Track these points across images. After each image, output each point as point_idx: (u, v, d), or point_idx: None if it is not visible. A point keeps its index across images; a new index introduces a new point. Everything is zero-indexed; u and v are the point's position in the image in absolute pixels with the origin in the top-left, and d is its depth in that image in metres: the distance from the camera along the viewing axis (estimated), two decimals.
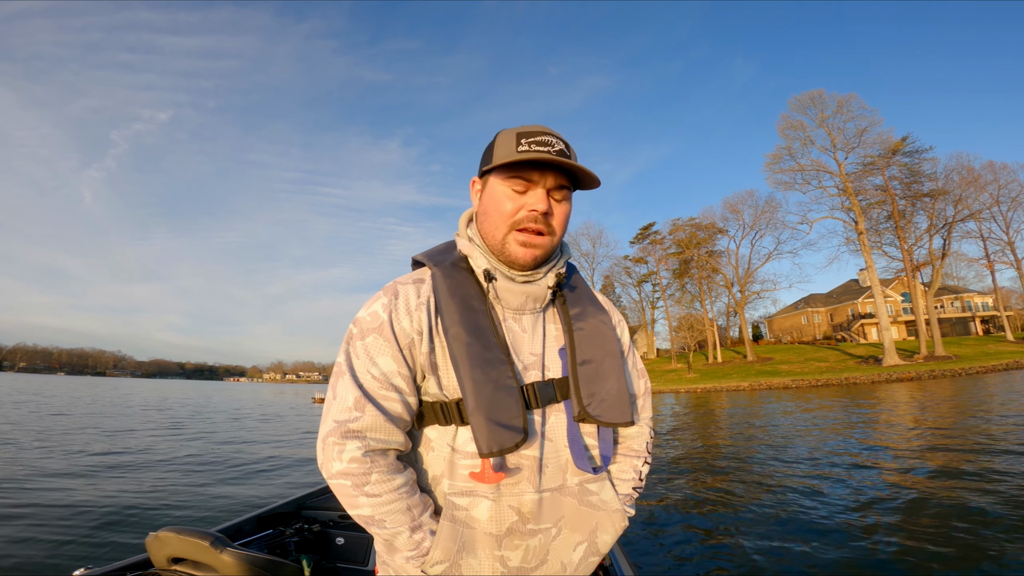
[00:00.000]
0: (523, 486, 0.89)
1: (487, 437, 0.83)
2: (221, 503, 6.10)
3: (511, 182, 0.91)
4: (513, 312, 0.96)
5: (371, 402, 0.85)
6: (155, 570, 1.82)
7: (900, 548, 4.02)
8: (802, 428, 11.65)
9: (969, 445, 7.99)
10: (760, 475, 6.93)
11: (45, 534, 4.73)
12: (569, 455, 0.92)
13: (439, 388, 0.90)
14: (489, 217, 0.94)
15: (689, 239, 47.71)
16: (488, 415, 0.84)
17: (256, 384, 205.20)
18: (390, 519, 0.84)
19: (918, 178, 35.95)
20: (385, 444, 0.86)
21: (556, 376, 0.95)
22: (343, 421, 0.85)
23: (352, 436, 0.84)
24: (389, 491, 0.84)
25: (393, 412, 0.87)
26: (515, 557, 0.89)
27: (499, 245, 0.93)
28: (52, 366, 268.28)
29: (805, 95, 38.41)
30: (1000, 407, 12.48)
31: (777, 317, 60.51)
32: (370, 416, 0.85)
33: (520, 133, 0.90)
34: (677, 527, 4.89)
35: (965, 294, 48.64)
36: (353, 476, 0.83)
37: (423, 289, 0.93)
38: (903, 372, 28.44)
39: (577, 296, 1.04)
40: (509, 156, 0.88)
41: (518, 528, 0.88)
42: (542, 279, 0.97)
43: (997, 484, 5.59)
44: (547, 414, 0.93)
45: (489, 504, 0.87)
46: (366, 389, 0.86)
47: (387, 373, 0.87)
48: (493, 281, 0.93)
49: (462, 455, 0.89)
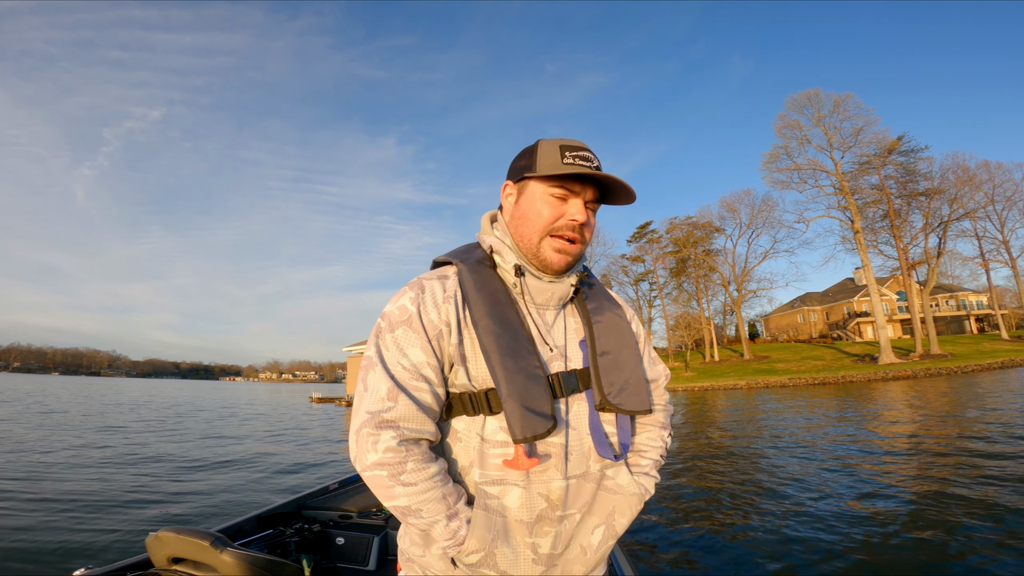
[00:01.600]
0: (551, 473, 0.91)
1: (521, 423, 0.86)
2: (213, 500, 6.06)
3: (555, 191, 0.95)
4: (537, 307, 1.01)
5: (403, 392, 0.88)
6: (155, 570, 1.80)
7: (899, 548, 4.02)
8: (800, 427, 11.69)
9: (969, 444, 8.03)
10: (758, 474, 6.94)
11: (45, 534, 4.71)
12: (591, 442, 0.95)
13: (468, 379, 0.92)
14: (527, 221, 0.97)
15: (686, 238, 47.84)
16: (521, 402, 0.87)
17: (252, 384, 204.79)
18: (427, 508, 0.85)
19: (914, 177, 36.15)
20: (418, 434, 0.88)
21: (578, 367, 0.99)
22: (377, 411, 0.86)
23: (387, 426, 0.86)
24: (425, 479, 0.85)
25: (424, 402, 0.89)
26: (545, 544, 0.91)
27: (534, 248, 0.97)
28: (47, 366, 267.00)
29: (802, 94, 38.57)
30: (997, 405, 12.55)
31: (773, 315, 60.76)
32: (403, 406, 0.87)
33: (563, 146, 0.94)
34: (676, 527, 4.89)
35: (960, 293, 48.96)
36: (389, 466, 0.84)
37: (448, 284, 0.96)
38: (899, 370, 28.59)
39: (594, 293, 1.10)
40: (555, 167, 0.92)
41: (547, 515, 0.91)
42: (567, 277, 1.02)
43: (995, 482, 5.61)
44: (570, 403, 0.96)
45: (520, 492, 0.90)
46: (398, 380, 0.88)
47: (417, 364, 0.89)
48: (522, 277, 0.97)
49: (491, 444, 0.91)
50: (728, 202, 46.32)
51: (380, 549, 2.55)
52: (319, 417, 21.66)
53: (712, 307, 51.45)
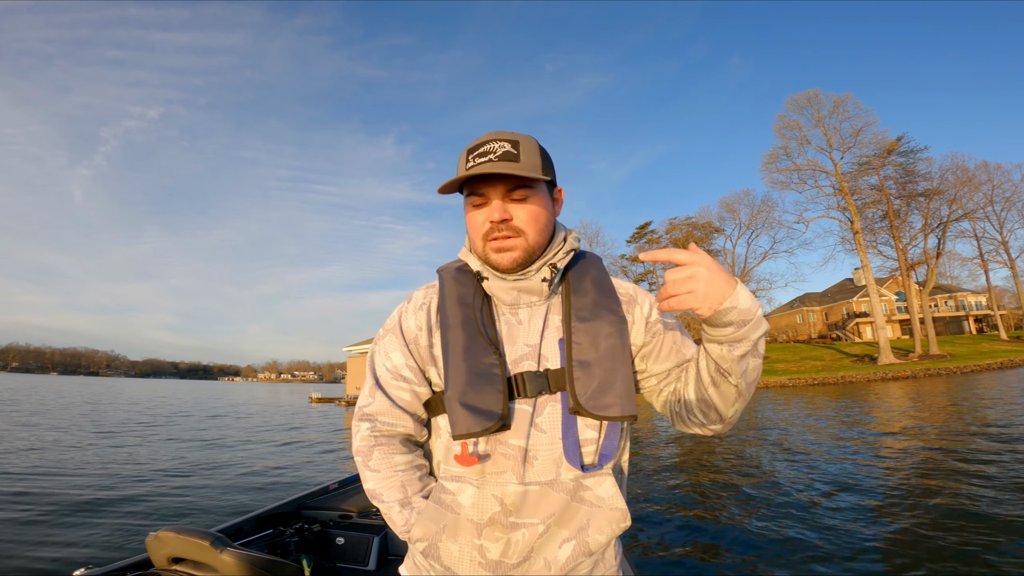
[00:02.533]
0: (507, 476, 0.88)
1: (458, 420, 0.88)
2: (213, 500, 6.05)
3: (471, 198, 0.95)
4: (508, 307, 0.99)
5: (380, 390, 0.98)
6: (155, 570, 1.80)
7: (900, 547, 4.02)
8: (801, 427, 11.69)
9: (969, 443, 8.03)
10: (759, 474, 6.94)
11: (45, 534, 4.69)
12: (562, 449, 0.89)
13: (439, 378, 0.98)
14: (469, 232, 1.00)
15: (686, 238, 47.85)
16: (460, 399, 0.88)
17: (251, 384, 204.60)
18: (386, 493, 0.93)
19: (913, 178, 36.22)
20: (391, 428, 0.97)
21: (553, 367, 0.93)
22: (361, 407, 1.00)
23: (365, 419, 0.98)
24: (388, 467, 0.94)
25: (400, 400, 0.98)
26: (495, 549, 0.87)
27: (482, 255, 0.98)
28: (45, 366, 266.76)
29: (802, 95, 38.62)
30: (997, 405, 12.55)
31: (772, 316, 60.81)
32: (379, 402, 0.98)
33: (469, 149, 0.92)
34: (676, 527, 4.89)
35: (959, 293, 49.02)
36: (362, 453, 0.96)
37: (430, 292, 1.05)
38: (899, 371, 28.62)
39: (584, 285, 1.00)
40: (459, 174, 0.91)
41: (499, 519, 0.87)
42: (535, 275, 0.96)
43: (994, 481, 5.61)
44: (540, 405, 0.91)
45: (473, 491, 0.89)
46: (379, 380, 1.00)
47: (397, 366, 0.99)
48: (484, 281, 0.98)
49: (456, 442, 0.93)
50: (728, 202, 46.40)
51: (380, 549, 2.54)
52: (315, 417, 21.63)
53: None
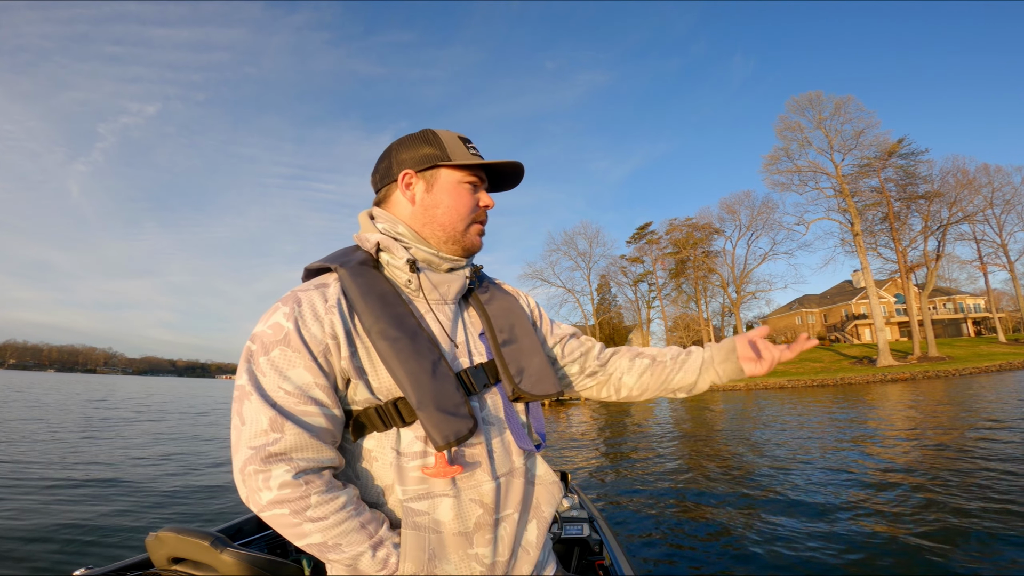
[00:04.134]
0: (479, 476, 0.87)
1: (441, 428, 0.80)
2: (213, 500, 6.02)
3: (469, 179, 0.96)
4: (433, 304, 0.96)
5: (289, 419, 0.77)
6: (155, 570, 1.77)
7: (899, 546, 4.00)
8: (800, 428, 11.68)
9: (969, 445, 8.02)
10: (758, 474, 6.92)
11: (45, 534, 4.67)
12: (511, 435, 0.93)
13: (370, 392, 0.84)
14: (448, 211, 0.95)
15: (686, 239, 47.92)
16: (437, 405, 0.82)
17: None
18: (346, 541, 0.77)
19: (913, 180, 36.27)
20: (316, 463, 0.78)
21: (483, 360, 0.97)
22: (261, 445, 0.75)
23: (276, 460, 0.75)
24: (335, 511, 0.77)
25: (316, 427, 0.79)
26: (487, 552, 0.86)
27: (458, 235, 0.96)
28: (42, 363, 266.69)
29: (803, 96, 38.63)
30: (996, 407, 12.56)
31: (771, 317, 60.89)
32: (291, 435, 0.76)
33: (462, 137, 0.97)
34: (675, 526, 4.89)
35: (957, 296, 49.13)
36: (290, 503, 0.75)
37: (329, 292, 0.86)
38: (898, 373, 28.67)
39: (484, 286, 1.09)
40: (467, 157, 0.94)
41: (485, 521, 0.86)
42: (463, 269, 1.01)
43: (995, 483, 5.60)
44: (484, 399, 0.93)
45: (451, 502, 0.84)
46: (281, 407, 0.77)
47: (302, 386, 0.79)
48: (417, 272, 0.93)
49: (409, 457, 0.84)
50: (728, 204, 46.42)
51: None
52: None
53: (711, 309, 51.59)
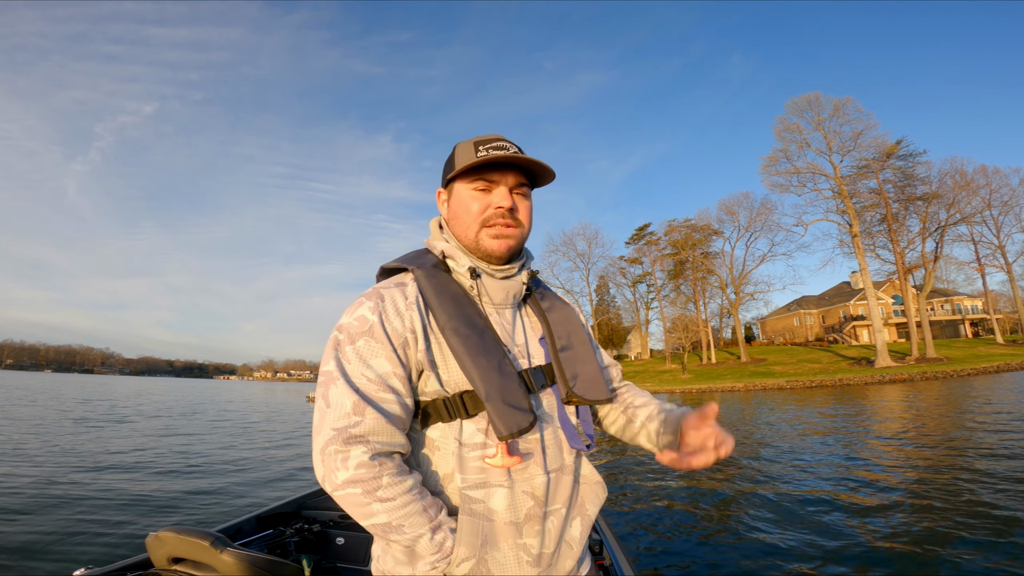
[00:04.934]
0: (532, 469, 0.92)
1: (505, 420, 0.86)
2: (213, 500, 6.00)
3: (475, 184, 0.98)
4: (496, 307, 1.02)
5: (371, 405, 0.84)
6: (155, 570, 1.77)
7: (899, 546, 4.00)
8: (799, 429, 11.70)
9: (968, 446, 8.04)
10: (757, 475, 6.93)
11: (45, 535, 4.66)
12: (563, 435, 0.99)
13: (440, 384, 0.91)
14: (460, 219, 1.00)
15: (684, 240, 47.98)
16: (502, 399, 0.88)
17: (247, 382, 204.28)
18: (408, 523, 0.82)
19: (912, 181, 36.38)
20: (390, 447, 0.85)
21: (540, 363, 1.02)
22: (344, 427, 0.82)
23: (356, 441, 0.82)
24: (402, 493, 0.82)
25: (393, 413, 0.86)
26: (535, 543, 0.90)
27: (473, 243, 0.99)
28: (39, 363, 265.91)
29: (802, 98, 38.72)
30: (994, 408, 12.59)
31: (770, 318, 61.00)
32: (371, 419, 0.83)
33: (477, 141, 0.98)
34: (675, 526, 4.89)
35: (955, 297, 49.25)
36: (363, 482, 0.81)
37: (408, 291, 0.94)
38: (896, 374, 28.72)
39: (543, 292, 1.14)
40: (470, 160, 0.96)
41: (535, 513, 0.91)
42: (517, 275, 1.05)
43: (993, 482, 5.61)
44: (541, 398, 0.99)
45: (505, 492, 0.89)
46: (363, 392, 0.85)
47: (383, 375, 0.87)
48: (478, 278, 0.99)
49: (470, 448, 0.90)
50: (727, 205, 46.52)
51: None
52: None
53: (709, 309, 51.64)
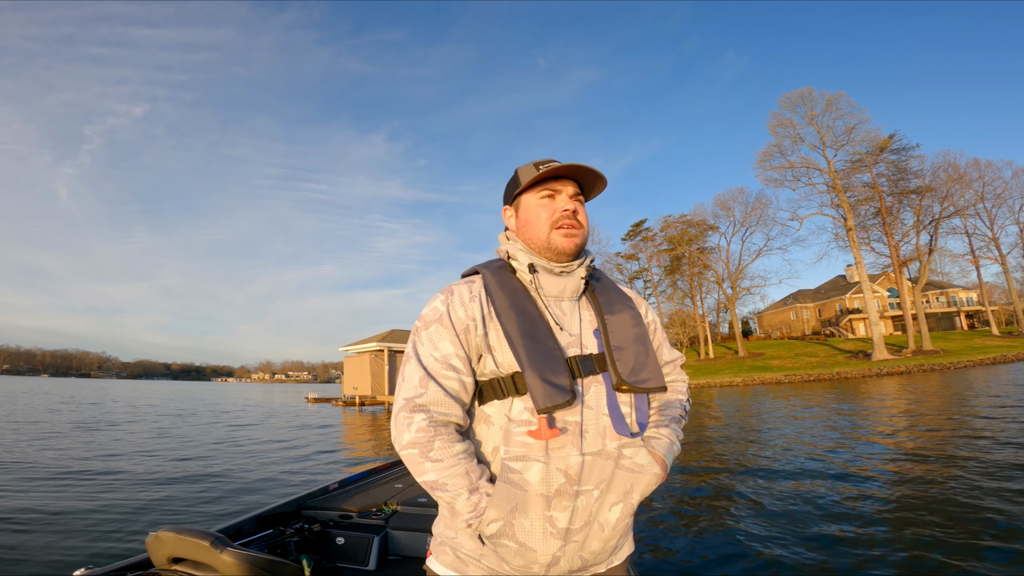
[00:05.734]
0: (568, 449, 1.00)
1: (543, 394, 0.97)
2: (213, 500, 6.00)
3: (542, 194, 1.13)
4: (553, 299, 1.13)
5: (433, 380, 1.00)
6: (155, 570, 1.78)
7: (898, 545, 4.03)
8: (799, 424, 11.75)
9: (968, 440, 8.09)
10: (758, 471, 6.96)
11: (45, 535, 4.65)
12: (609, 422, 1.04)
13: (495, 365, 1.04)
14: (531, 226, 1.13)
15: (680, 236, 48.02)
16: (541, 375, 0.98)
17: (244, 384, 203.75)
18: (452, 482, 0.96)
19: (905, 175, 36.44)
20: (446, 417, 0.99)
21: (593, 352, 1.09)
22: (411, 398, 1.00)
23: (419, 410, 0.99)
24: (450, 456, 0.96)
25: (451, 389, 1.01)
26: (563, 518, 0.98)
27: (545, 243, 1.11)
28: (36, 368, 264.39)
29: (795, 93, 38.74)
30: (992, 400, 12.67)
31: (766, 313, 61.16)
32: (433, 392, 1.00)
33: (536, 162, 1.14)
34: (675, 526, 4.88)
35: (950, 289, 49.50)
36: (420, 444, 0.97)
37: (474, 287, 1.10)
38: (893, 366, 28.87)
39: (603, 287, 1.23)
40: (533, 175, 1.11)
41: (566, 490, 0.99)
42: (576, 271, 1.15)
43: (992, 476, 5.65)
44: (587, 384, 1.05)
45: (540, 467, 0.98)
46: (429, 370, 1.02)
47: (446, 355, 1.02)
48: (535, 273, 1.11)
49: (516, 423, 1.01)
50: (722, 200, 46.54)
51: (380, 549, 2.54)
52: (313, 417, 21.54)
53: (706, 305, 51.71)
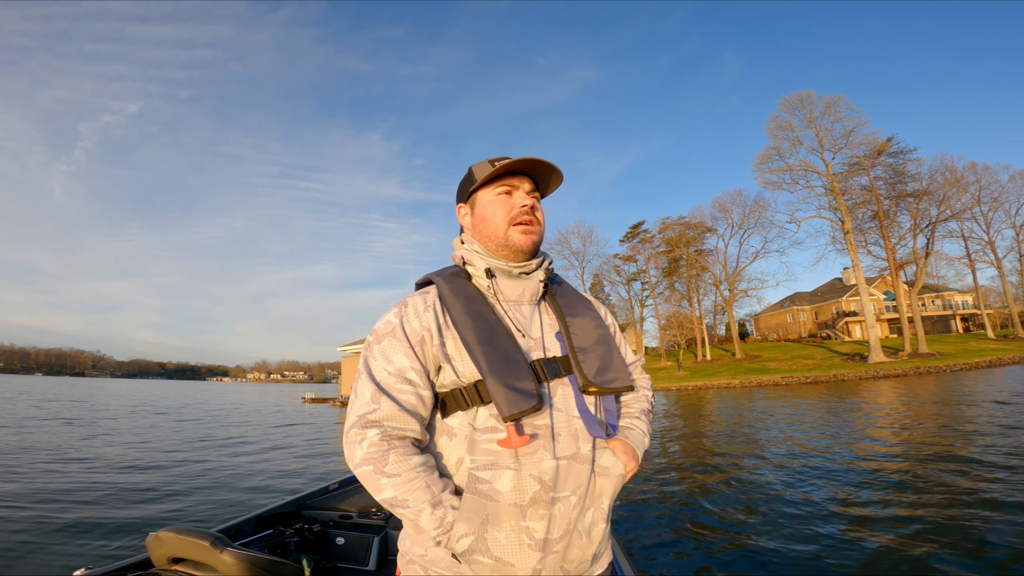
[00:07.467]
0: (540, 454, 0.95)
1: (507, 401, 0.92)
2: (213, 500, 5.96)
3: (498, 190, 1.10)
4: (512, 304, 1.10)
5: (385, 395, 0.95)
6: (155, 570, 1.76)
7: (898, 545, 4.02)
8: (796, 425, 11.77)
9: (967, 441, 8.11)
10: (756, 472, 6.96)
11: (45, 535, 4.64)
12: (581, 423, 1.00)
13: (456, 375, 0.99)
14: (487, 223, 1.09)
15: (678, 238, 48.12)
16: (504, 382, 0.94)
17: (240, 384, 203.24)
18: (412, 497, 0.89)
19: (902, 178, 36.62)
20: (401, 432, 0.94)
21: (556, 355, 1.06)
22: (363, 414, 0.94)
23: (371, 425, 0.93)
24: (408, 469, 0.90)
25: (407, 403, 0.96)
26: (540, 528, 0.93)
27: (502, 240, 1.08)
28: (30, 366, 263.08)
29: (794, 96, 38.91)
30: (988, 403, 12.72)
31: (763, 315, 61.34)
32: (385, 407, 0.94)
33: (491, 159, 1.11)
34: (675, 526, 4.88)
35: (946, 292, 49.73)
36: (374, 460, 0.91)
37: (428, 297, 1.06)
38: (889, 369, 28.97)
39: (563, 290, 1.21)
40: (488, 172, 1.07)
41: (541, 497, 0.93)
42: (535, 272, 1.12)
43: (991, 479, 5.66)
44: (554, 388, 1.02)
45: (512, 475, 0.93)
46: (381, 384, 0.96)
47: (401, 369, 0.97)
48: (493, 278, 1.07)
49: (482, 431, 0.96)
50: (720, 202, 46.66)
51: (380, 549, 2.54)
52: (310, 418, 21.51)
53: (703, 307, 51.83)
